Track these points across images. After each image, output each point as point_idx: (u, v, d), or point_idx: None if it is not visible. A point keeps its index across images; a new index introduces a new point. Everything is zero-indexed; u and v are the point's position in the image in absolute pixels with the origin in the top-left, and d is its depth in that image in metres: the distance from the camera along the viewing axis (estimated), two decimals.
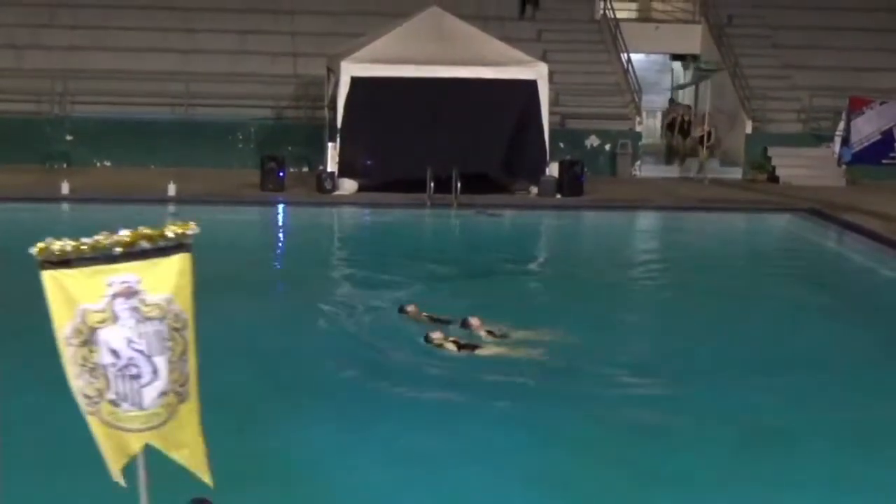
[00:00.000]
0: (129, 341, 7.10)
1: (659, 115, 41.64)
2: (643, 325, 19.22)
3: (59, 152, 34.33)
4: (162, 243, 7.10)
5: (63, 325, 7.11)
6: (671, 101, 40.29)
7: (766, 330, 18.39)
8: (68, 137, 34.64)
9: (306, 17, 38.26)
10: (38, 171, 32.67)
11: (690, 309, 20.11)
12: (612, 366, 15.64)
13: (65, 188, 29.36)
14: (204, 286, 19.22)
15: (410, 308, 17.49)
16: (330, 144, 31.19)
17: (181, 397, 7.32)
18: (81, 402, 7.23)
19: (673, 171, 36.32)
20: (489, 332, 16.40)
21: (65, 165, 33.90)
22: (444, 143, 30.14)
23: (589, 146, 35.51)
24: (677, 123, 36.82)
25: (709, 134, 34.76)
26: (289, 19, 38.29)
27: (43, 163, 33.77)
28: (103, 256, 7.08)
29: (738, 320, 19.00)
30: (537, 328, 16.94)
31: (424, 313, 17.32)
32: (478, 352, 15.77)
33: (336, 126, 30.94)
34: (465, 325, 16.48)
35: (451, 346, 15.70)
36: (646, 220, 30.59)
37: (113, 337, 7.07)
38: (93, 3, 37.29)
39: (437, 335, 15.85)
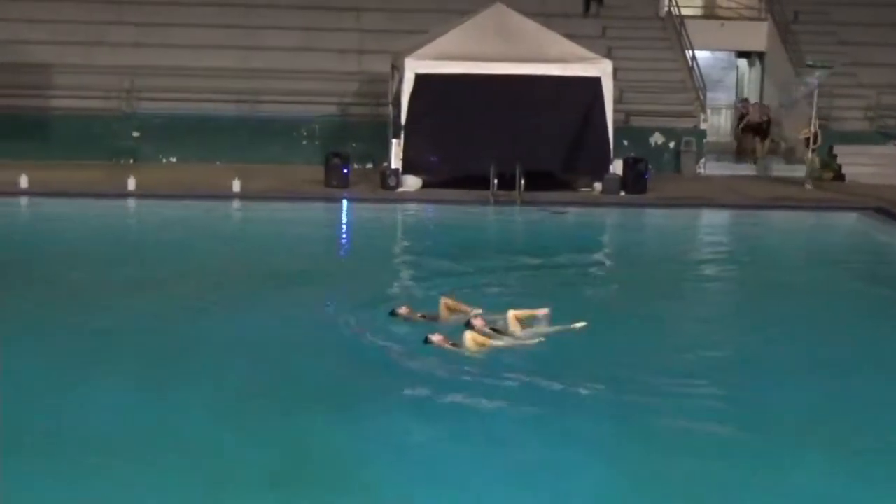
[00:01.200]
0: None
1: (724, 112, 41.41)
2: (682, 323, 18.80)
3: (125, 148, 34.63)
4: None
5: None
6: (744, 99, 39.94)
7: (835, 330, 18.08)
8: (135, 134, 34.94)
9: (371, 14, 38.36)
10: (106, 166, 32.97)
11: (751, 308, 19.94)
12: (638, 369, 15.39)
13: (131, 184, 29.60)
14: (267, 280, 19.43)
15: (402, 310, 17.21)
16: (394, 141, 31.26)
17: None
18: None
19: (739, 169, 36.09)
20: (495, 331, 16.28)
21: (131, 161, 34.21)
22: (508, 140, 30.12)
23: (653, 144, 35.38)
24: (753, 123, 36.47)
25: (815, 136, 34.12)
26: (354, 16, 38.39)
27: (110, 159, 34.09)
28: None
29: (807, 321, 18.70)
30: (563, 324, 16.79)
31: (419, 314, 17.18)
32: (466, 350, 15.64)
33: (400, 123, 31.00)
34: (469, 325, 16.31)
35: (449, 347, 15.63)
36: (710, 219, 30.37)
37: None
38: (159, 0, 37.57)
39: (436, 337, 15.74)
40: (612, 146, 31.31)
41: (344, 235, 27.74)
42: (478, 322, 16.26)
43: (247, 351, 15.71)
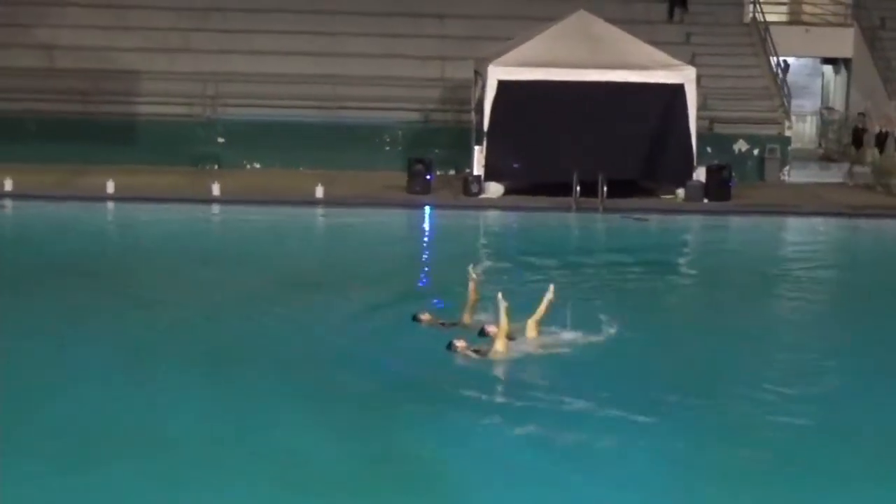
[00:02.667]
0: None
1: (809, 119, 41.03)
2: (765, 333, 18.43)
3: (209, 154, 34.90)
4: None
5: None
6: (861, 114, 38.96)
7: None
8: (219, 140, 35.20)
9: (454, 20, 38.38)
10: (190, 172, 33.24)
11: (838, 317, 19.72)
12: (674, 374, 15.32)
13: (215, 189, 29.84)
14: (347, 284, 19.42)
15: (424, 316, 17.14)
16: (476, 148, 31.26)
17: None
18: None
19: (824, 175, 35.73)
20: (509, 338, 16.19)
21: (215, 167, 34.45)
22: (590, 147, 30.06)
23: (737, 151, 35.11)
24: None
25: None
26: (437, 23, 38.44)
27: (194, 164, 34.37)
28: None
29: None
30: (595, 332, 16.74)
31: (440, 320, 17.08)
32: (492, 355, 15.59)
33: (483, 129, 31.00)
34: (483, 333, 16.25)
35: (472, 354, 15.56)
36: (795, 226, 30.07)
37: None
38: (243, 7, 37.84)
39: (460, 343, 15.70)
40: (695, 153, 31.13)
41: (425, 242, 27.77)
42: (492, 329, 16.19)
43: (326, 354, 15.77)
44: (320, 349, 16.02)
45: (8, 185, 29.49)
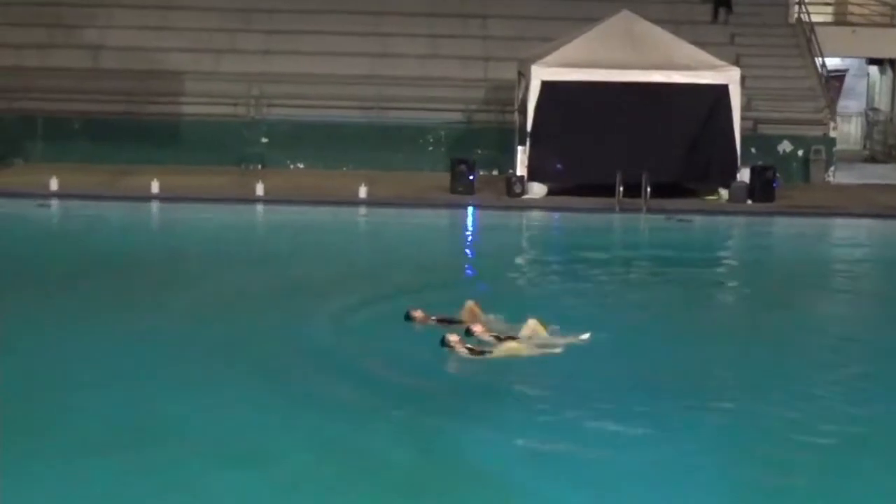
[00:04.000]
0: None
1: (854, 120, 40.83)
2: (807, 338, 18.06)
3: (254, 154, 35.04)
4: None
5: None
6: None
7: None
8: (263, 140, 35.33)
9: (497, 21, 38.38)
10: (234, 172, 33.38)
11: (881, 322, 19.55)
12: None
13: (259, 189, 29.94)
14: (391, 287, 19.43)
15: (417, 314, 17.07)
16: (520, 148, 31.25)
17: None
18: None
19: (869, 177, 35.54)
20: (496, 337, 16.12)
21: (259, 167, 34.57)
22: (634, 147, 30.01)
23: (781, 152, 34.95)
24: None
25: None
26: (480, 23, 38.45)
27: (238, 164, 34.51)
28: None
29: None
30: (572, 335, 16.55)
31: (433, 317, 17.02)
32: (487, 356, 15.57)
33: (526, 130, 30.99)
34: (469, 332, 16.21)
35: (463, 351, 15.54)
36: (841, 228, 29.88)
37: None
38: (288, 8, 37.95)
39: (453, 338, 15.69)
40: (739, 154, 31.03)
41: (469, 242, 27.76)
42: (477, 328, 16.19)
43: (371, 356, 15.75)
44: (362, 353, 15.93)
45: (53, 185, 29.68)
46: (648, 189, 29.28)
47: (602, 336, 16.58)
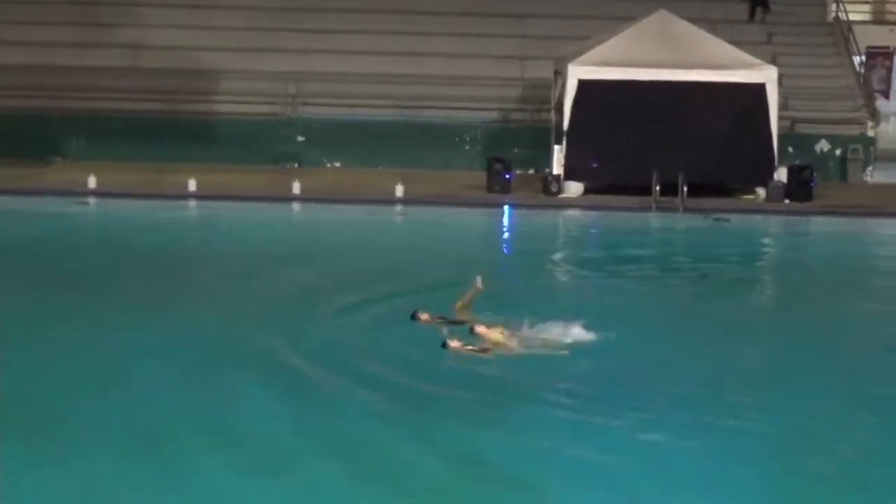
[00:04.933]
0: None
1: (892, 119, 40.63)
2: (842, 341, 17.76)
3: (290, 153, 35.16)
4: None
5: None
6: None
7: None
8: (300, 138, 35.45)
9: (534, 20, 38.37)
10: (271, 171, 33.50)
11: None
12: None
13: (296, 188, 30.05)
14: (416, 285, 19.39)
15: (424, 315, 16.90)
16: (556, 147, 31.24)
17: None
18: None
19: None
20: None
21: (296, 166, 34.68)
22: (670, 147, 29.99)
23: (819, 151, 34.82)
24: None
25: None
26: (516, 23, 38.44)
27: (275, 163, 34.63)
28: None
29: None
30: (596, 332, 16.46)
31: (438, 316, 16.87)
32: (489, 354, 15.52)
33: (562, 128, 31.00)
34: (472, 331, 16.18)
35: (465, 352, 15.52)
36: (878, 228, 29.72)
37: None
38: (325, 7, 38.03)
39: (454, 343, 15.61)
40: (776, 153, 30.94)
41: (504, 241, 27.81)
42: (481, 329, 16.08)
43: (405, 358, 15.73)
44: (394, 357, 15.90)
45: (91, 183, 29.88)
46: (685, 188, 29.23)
47: (634, 335, 16.66)
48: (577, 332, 16.29)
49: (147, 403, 13.56)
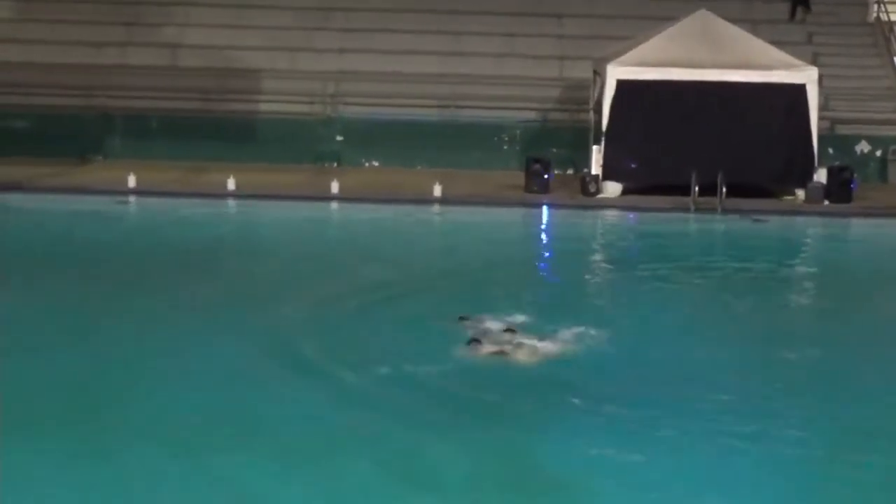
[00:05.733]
0: None
1: None
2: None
3: (329, 152, 35.24)
4: None
5: None
6: None
7: None
8: (338, 138, 35.52)
9: (572, 20, 38.34)
10: (310, 170, 33.60)
11: None
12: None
13: (335, 187, 30.08)
14: (454, 284, 19.30)
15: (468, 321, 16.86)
16: (594, 147, 31.19)
17: None
18: None
19: None
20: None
21: (335, 165, 34.75)
22: (709, 147, 29.89)
23: (859, 152, 34.65)
24: None
25: None
26: (555, 22, 38.43)
27: (314, 162, 34.71)
28: None
29: None
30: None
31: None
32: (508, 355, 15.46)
33: (601, 129, 30.94)
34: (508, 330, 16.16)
35: (483, 351, 15.47)
36: None
37: None
38: (364, 6, 38.13)
39: (480, 344, 15.60)
40: (816, 154, 30.79)
41: (542, 242, 27.75)
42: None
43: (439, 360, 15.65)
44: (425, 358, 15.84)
45: (131, 182, 29.98)
46: (724, 189, 29.12)
47: (670, 337, 16.63)
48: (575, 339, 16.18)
49: (190, 402, 13.57)
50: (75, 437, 12.28)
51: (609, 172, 30.81)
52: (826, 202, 30.38)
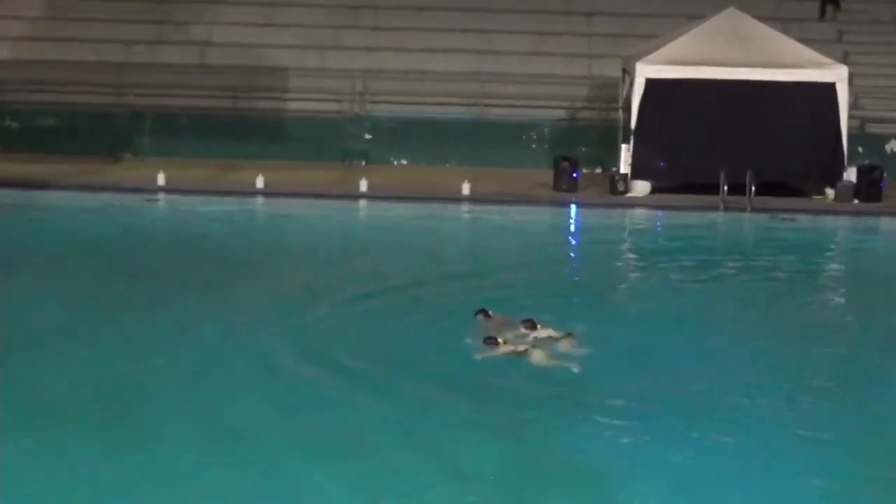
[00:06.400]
0: None
1: None
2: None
3: (357, 150, 35.24)
4: None
5: None
6: None
7: None
8: (367, 136, 35.53)
9: (602, 18, 38.28)
10: (339, 168, 33.67)
11: None
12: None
13: (363, 185, 30.13)
14: (480, 282, 19.31)
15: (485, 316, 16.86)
16: (623, 146, 31.13)
17: None
18: None
19: None
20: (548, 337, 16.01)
21: (363, 163, 34.77)
22: (738, 145, 29.83)
23: (889, 151, 34.50)
24: None
25: None
26: (584, 21, 38.38)
27: (342, 160, 34.74)
28: None
29: None
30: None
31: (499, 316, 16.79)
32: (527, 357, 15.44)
33: (630, 127, 30.89)
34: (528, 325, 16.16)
35: (500, 351, 15.46)
36: None
37: None
38: (392, 4, 38.11)
39: (495, 343, 15.58)
40: (845, 153, 30.68)
41: (570, 240, 27.76)
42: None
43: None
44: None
45: (161, 180, 30.09)
46: (753, 188, 29.05)
47: (697, 336, 16.71)
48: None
49: (225, 399, 13.65)
50: (104, 430, 12.39)
51: (638, 171, 30.76)
52: (856, 201, 30.27)
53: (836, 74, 30.66)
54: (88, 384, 14.01)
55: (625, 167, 30.93)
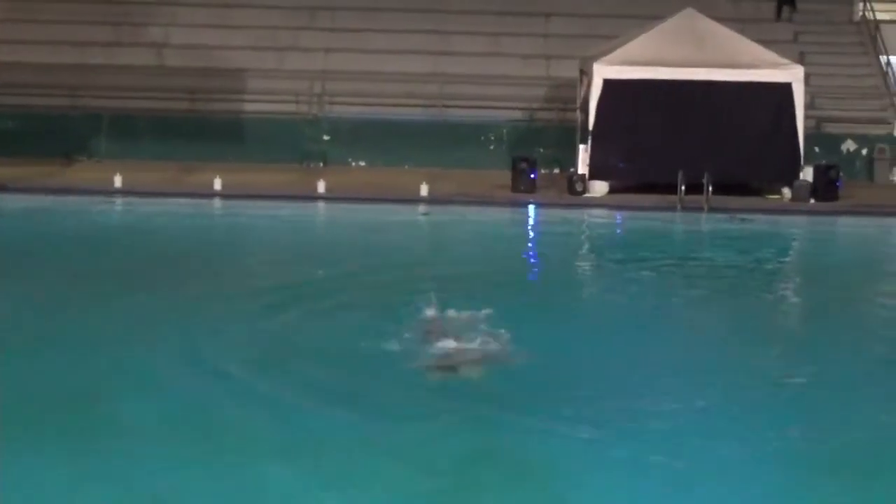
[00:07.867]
0: None
1: None
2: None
3: (315, 152, 35.19)
4: None
5: None
6: None
7: None
8: (325, 137, 35.48)
9: (559, 19, 38.36)
10: (297, 169, 33.61)
11: None
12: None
13: (321, 187, 30.08)
14: (448, 284, 19.20)
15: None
16: (581, 146, 31.18)
17: None
18: None
19: None
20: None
21: (321, 165, 34.72)
22: (696, 146, 29.94)
23: (845, 151, 34.71)
24: None
25: None
26: (542, 22, 38.44)
27: (300, 162, 34.67)
28: None
29: None
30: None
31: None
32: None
33: (588, 128, 30.95)
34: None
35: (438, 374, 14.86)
36: None
37: None
38: (350, 5, 38.13)
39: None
40: (802, 153, 30.83)
41: (528, 241, 27.72)
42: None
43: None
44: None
45: (118, 182, 29.94)
46: (710, 188, 29.16)
47: (656, 333, 16.62)
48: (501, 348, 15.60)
49: (197, 404, 13.48)
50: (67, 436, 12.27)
51: (596, 171, 30.81)
52: (812, 200, 30.42)
53: (793, 74, 30.81)
54: (27, 384, 13.80)
55: (583, 167, 30.97)
